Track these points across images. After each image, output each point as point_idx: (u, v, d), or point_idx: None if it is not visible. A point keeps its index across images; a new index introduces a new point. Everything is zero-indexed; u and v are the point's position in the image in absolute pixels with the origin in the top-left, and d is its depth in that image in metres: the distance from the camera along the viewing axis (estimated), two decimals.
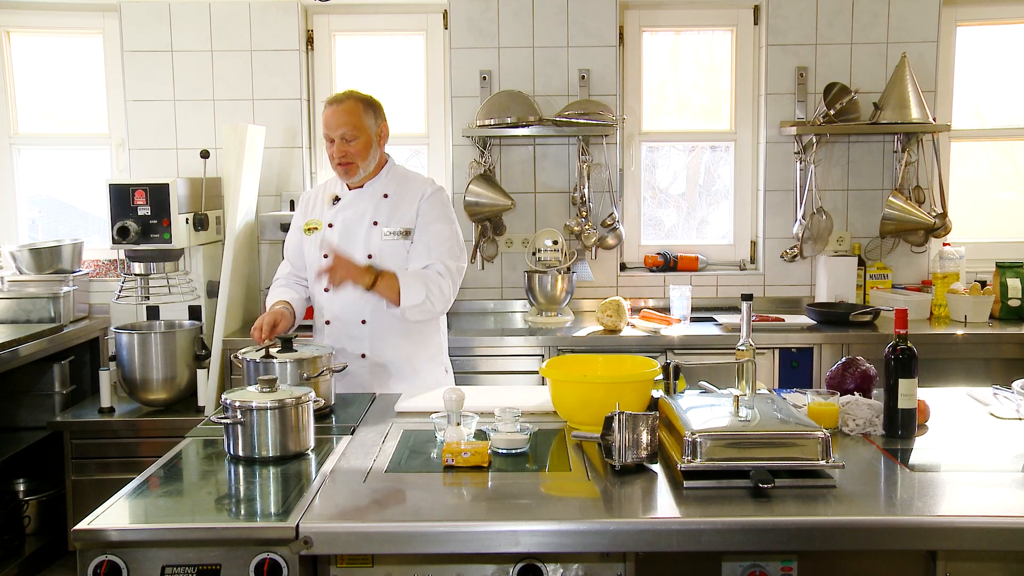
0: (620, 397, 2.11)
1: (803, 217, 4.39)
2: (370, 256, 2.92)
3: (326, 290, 2.88)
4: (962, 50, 4.59)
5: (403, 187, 3.02)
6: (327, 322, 3.01)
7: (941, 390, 2.82)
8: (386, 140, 3.00)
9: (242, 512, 1.93)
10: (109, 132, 4.60)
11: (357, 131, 2.87)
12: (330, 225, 3.00)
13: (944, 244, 4.36)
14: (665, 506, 1.88)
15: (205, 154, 4.01)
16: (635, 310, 4.31)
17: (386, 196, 3.00)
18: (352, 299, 2.92)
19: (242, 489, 2.06)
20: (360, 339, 2.97)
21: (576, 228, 4.37)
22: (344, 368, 2.77)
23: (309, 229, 3.03)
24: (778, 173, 4.50)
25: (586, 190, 4.37)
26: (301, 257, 3.08)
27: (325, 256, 2.87)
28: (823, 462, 1.96)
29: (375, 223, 2.96)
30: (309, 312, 3.13)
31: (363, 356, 2.97)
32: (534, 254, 4.23)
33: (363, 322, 2.96)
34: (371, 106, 2.94)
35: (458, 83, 4.43)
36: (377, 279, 2.77)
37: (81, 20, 4.55)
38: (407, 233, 2.95)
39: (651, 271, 4.56)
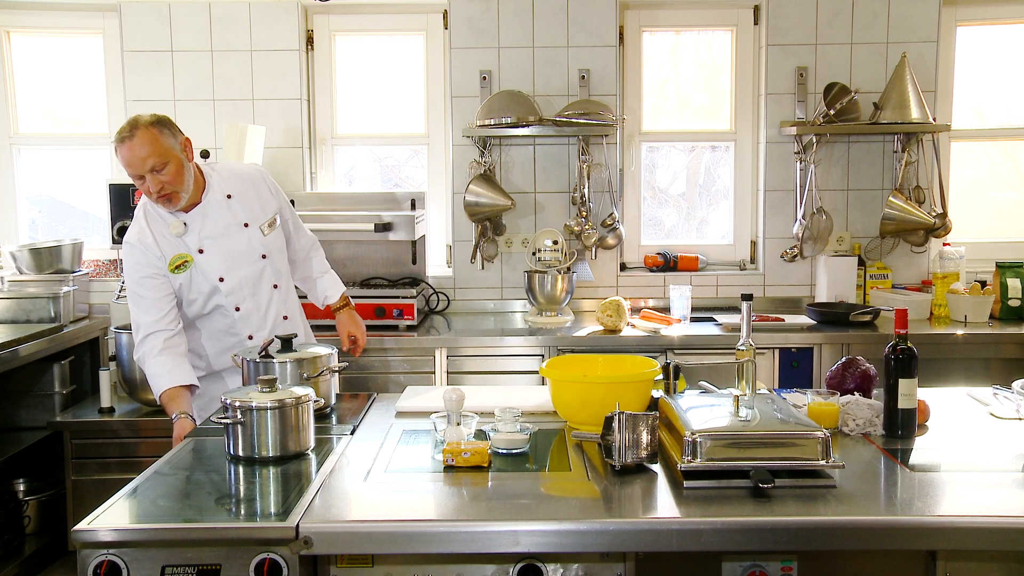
0: (620, 397, 2.11)
1: (803, 217, 4.39)
2: (264, 256, 2.92)
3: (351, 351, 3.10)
4: (962, 50, 4.59)
5: (236, 180, 2.92)
6: (250, 337, 2.89)
7: (941, 390, 2.82)
8: (192, 151, 2.78)
9: (242, 512, 1.93)
10: (109, 132, 4.59)
11: (165, 157, 2.64)
12: (200, 251, 2.81)
13: (944, 244, 4.36)
14: (665, 506, 1.88)
15: (205, 154, 4.01)
16: (635, 310, 4.31)
17: (230, 196, 2.88)
18: (271, 304, 2.94)
19: (242, 489, 2.06)
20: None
21: (576, 228, 4.37)
22: (346, 367, 2.77)
23: (178, 266, 2.78)
24: (778, 173, 4.50)
25: (586, 190, 4.37)
26: (171, 299, 2.78)
27: (221, 280, 2.82)
28: (823, 462, 1.96)
29: (246, 224, 2.89)
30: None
31: None
32: (534, 254, 4.23)
33: (285, 318, 3.00)
34: (164, 125, 2.68)
35: (458, 83, 4.43)
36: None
37: (81, 20, 4.55)
38: (274, 223, 2.98)
39: (651, 271, 4.56)
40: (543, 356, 3.87)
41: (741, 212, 4.67)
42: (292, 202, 4.36)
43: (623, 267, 4.60)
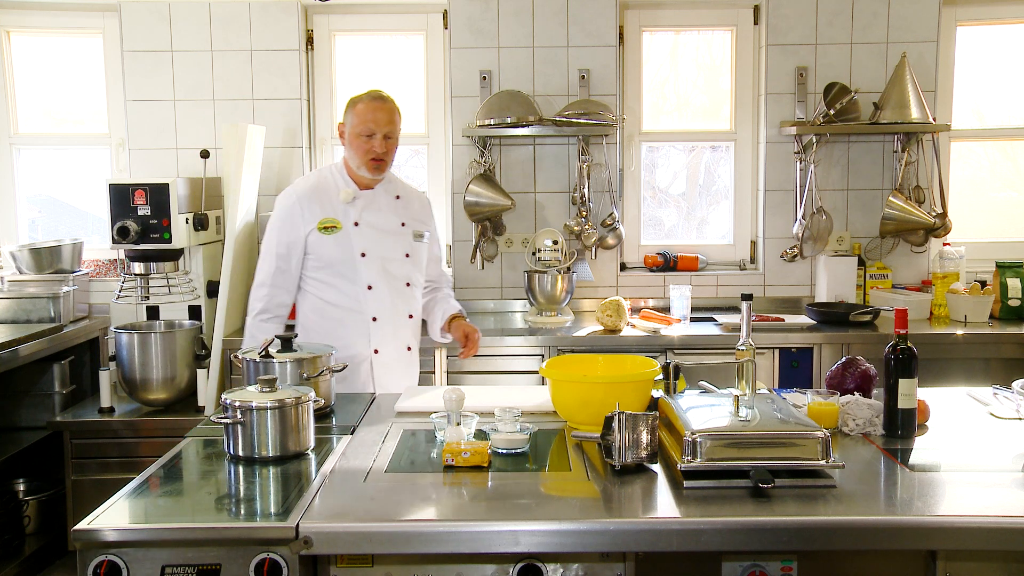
0: (620, 397, 2.11)
1: (803, 217, 4.39)
2: (407, 255, 3.10)
3: (462, 357, 3.20)
4: (962, 50, 4.59)
5: (404, 189, 3.21)
6: (374, 319, 3.04)
7: (941, 390, 2.82)
8: None
9: (242, 512, 1.93)
10: (109, 132, 4.60)
11: (396, 130, 3.01)
12: (356, 224, 3.02)
13: (944, 244, 4.36)
14: (665, 506, 1.88)
15: (205, 154, 4.01)
16: (635, 310, 4.31)
17: (398, 197, 3.14)
18: (401, 296, 3.09)
19: (242, 489, 2.06)
20: (406, 332, 3.13)
21: (576, 228, 4.37)
22: (344, 368, 2.77)
23: (326, 227, 3.01)
24: (778, 173, 4.50)
25: (586, 190, 4.37)
26: (293, 261, 3.03)
27: (363, 255, 3.01)
28: (823, 462, 1.96)
29: (403, 224, 3.12)
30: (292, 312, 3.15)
31: (408, 349, 3.15)
32: (534, 254, 4.23)
33: (410, 316, 3.13)
34: (400, 111, 3.05)
35: (458, 83, 4.43)
36: None
37: (81, 20, 4.55)
38: (423, 236, 3.18)
39: (651, 271, 4.55)
40: (543, 356, 3.87)
41: (741, 212, 4.67)
42: None
43: (623, 267, 4.60)
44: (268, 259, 3.04)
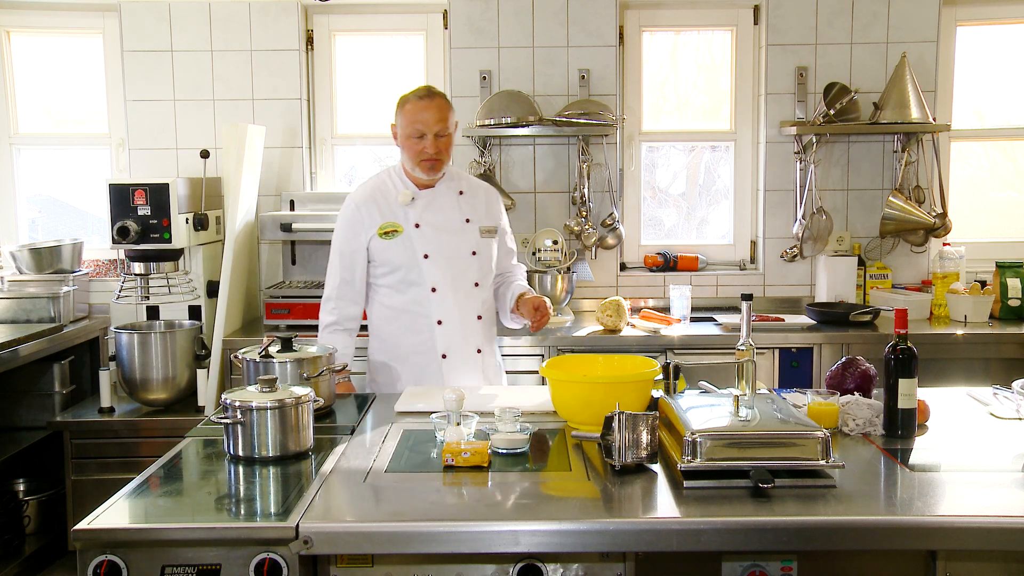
0: (620, 397, 2.11)
1: (803, 217, 4.39)
2: (474, 253, 3.01)
3: (533, 330, 3.02)
4: (962, 50, 4.59)
5: (467, 183, 3.11)
6: (439, 322, 2.97)
7: (941, 390, 2.82)
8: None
9: (242, 512, 1.93)
10: (109, 132, 4.60)
11: (449, 127, 2.90)
12: (416, 225, 2.95)
13: (944, 244, 4.36)
14: (665, 506, 1.88)
15: (205, 154, 4.01)
16: (635, 310, 4.31)
17: (462, 193, 3.05)
18: (467, 299, 3.00)
19: (242, 489, 2.06)
20: (475, 335, 3.04)
21: (576, 228, 4.37)
22: (344, 367, 2.77)
23: (386, 232, 2.94)
24: (778, 173, 4.50)
25: (586, 190, 4.37)
26: (358, 270, 2.99)
27: (426, 256, 2.94)
28: (823, 462, 1.96)
29: (468, 220, 3.02)
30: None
31: (479, 351, 3.06)
32: (534, 254, 4.23)
33: (479, 318, 3.04)
34: (451, 103, 2.95)
35: (458, 83, 4.43)
36: None
37: (81, 20, 4.55)
38: (494, 231, 3.08)
39: (651, 271, 4.55)
40: (543, 356, 3.87)
41: (741, 212, 4.67)
42: (292, 203, 4.39)
43: (623, 267, 4.60)
44: (334, 272, 3.01)
